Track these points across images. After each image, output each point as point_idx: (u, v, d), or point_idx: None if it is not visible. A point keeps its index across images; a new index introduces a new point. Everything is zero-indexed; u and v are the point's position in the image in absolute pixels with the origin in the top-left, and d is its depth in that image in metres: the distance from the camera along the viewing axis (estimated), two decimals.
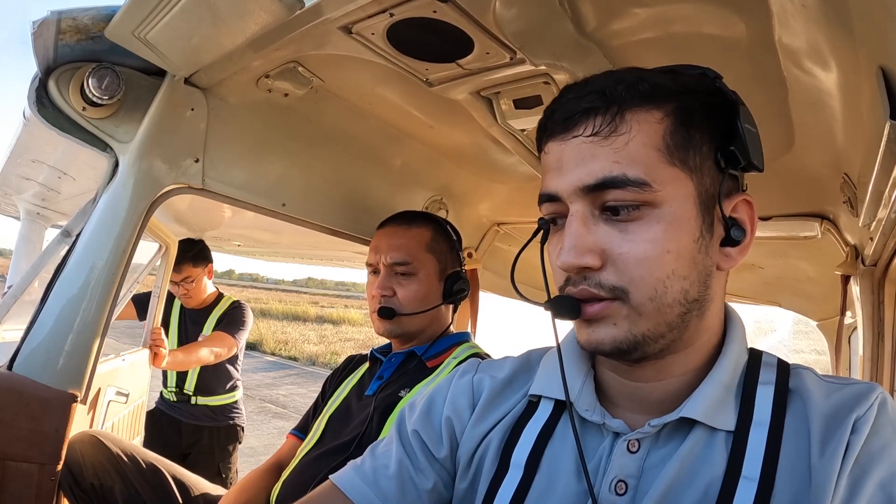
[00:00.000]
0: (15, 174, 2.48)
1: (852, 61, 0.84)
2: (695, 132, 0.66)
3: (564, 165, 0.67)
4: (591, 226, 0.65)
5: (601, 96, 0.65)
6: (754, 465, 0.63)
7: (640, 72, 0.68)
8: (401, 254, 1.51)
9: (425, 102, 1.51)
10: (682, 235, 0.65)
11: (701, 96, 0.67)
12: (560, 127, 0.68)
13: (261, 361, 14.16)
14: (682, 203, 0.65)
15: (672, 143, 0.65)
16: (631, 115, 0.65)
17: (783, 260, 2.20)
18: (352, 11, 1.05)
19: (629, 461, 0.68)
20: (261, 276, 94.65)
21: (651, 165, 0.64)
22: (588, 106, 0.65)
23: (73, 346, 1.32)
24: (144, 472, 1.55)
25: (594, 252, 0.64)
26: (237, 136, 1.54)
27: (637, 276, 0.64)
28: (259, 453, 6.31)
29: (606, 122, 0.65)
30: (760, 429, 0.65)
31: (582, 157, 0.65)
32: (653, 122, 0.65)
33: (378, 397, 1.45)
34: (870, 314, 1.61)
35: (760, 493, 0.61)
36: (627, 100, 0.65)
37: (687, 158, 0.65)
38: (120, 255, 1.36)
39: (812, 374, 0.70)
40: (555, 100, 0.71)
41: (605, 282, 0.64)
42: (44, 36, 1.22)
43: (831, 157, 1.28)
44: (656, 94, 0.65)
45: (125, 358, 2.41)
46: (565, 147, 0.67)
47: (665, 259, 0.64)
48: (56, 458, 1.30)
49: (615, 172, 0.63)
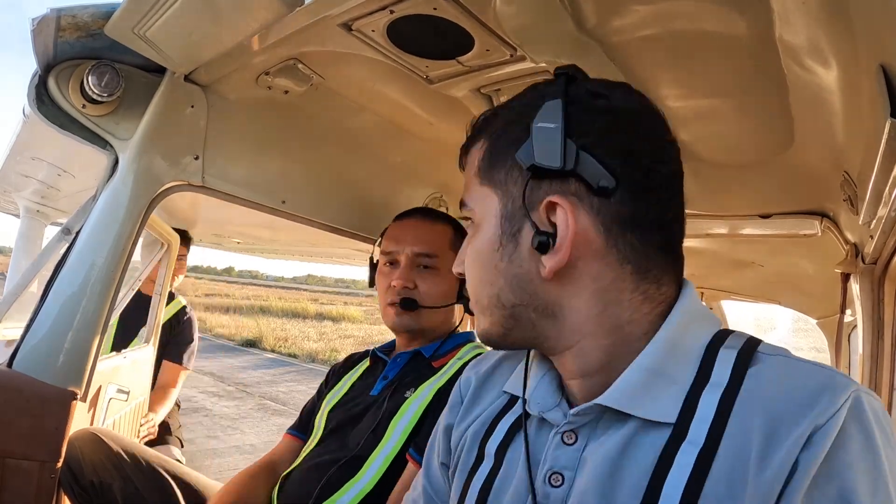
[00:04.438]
0: (14, 171, 2.48)
1: (853, 59, 0.84)
2: (503, 147, 0.71)
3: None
4: (466, 241, 0.78)
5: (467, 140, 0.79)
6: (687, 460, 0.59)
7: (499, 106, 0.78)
8: (427, 246, 1.49)
9: (425, 99, 1.51)
10: (483, 246, 0.72)
11: (517, 109, 0.73)
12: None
13: (260, 358, 14.15)
14: (488, 217, 0.72)
15: (484, 165, 0.73)
16: (469, 149, 0.77)
17: (783, 258, 2.20)
18: (352, 8, 1.05)
19: (563, 453, 0.68)
20: (260, 272, 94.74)
21: (470, 188, 0.75)
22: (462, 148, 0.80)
23: (72, 344, 1.32)
24: (144, 470, 1.54)
25: (461, 262, 0.78)
26: (237, 134, 1.54)
27: (467, 281, 0.76)
28: (259, 450, 6.31)
29: (464, 159, 0.78)
30: (700, 426, 0.60)
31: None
32: (476, 151, 0.75)
33: (384, 399, 1.42)
34: (869, 312, 1.61)
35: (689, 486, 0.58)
36: (469, 140, 0.78)
37: (493, 174, 0.72)
38: (120, 252, 1.36)
39: (780, 358, 0.64)
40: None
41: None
42: (43, 33, 1.22)
43: (831, 155, 1.28)
44: (480, 127, 0.76)
45: (126, 356, 2.41)
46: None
47: (473, 267, 0.74)
48: (56, 456, 1.30)
49: (462, 198, 0.77)
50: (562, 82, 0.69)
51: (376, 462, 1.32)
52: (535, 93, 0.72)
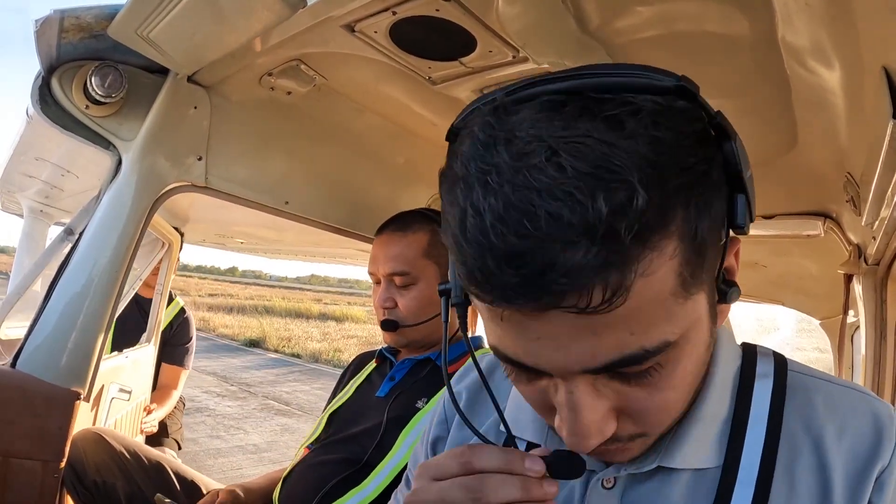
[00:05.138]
0: (18, 172, 2.49)
1: (856, 60, 0.84)
2: (705, 229, 0.46)
3: (543, 340, 0.46)
4: (599, 393, 0.50)
5: (591, 249, 0.40)
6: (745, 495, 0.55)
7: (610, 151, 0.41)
8: (398, 264, 1.45)
9: (428, 100, 1.51)
10: (701, 353, 0.53)
11: (699, 166, 0.45)
12: (522, 296, 0.43)
13: (263, 359, 14.17)
14: (700, 325, 0.50)
15: (687, 273, 0.45)
16: (641, 267, 0.42)
17: (786, 258, 2.20)
18: (355, 10, 1.05)
19: (606, 497, 0.61)
20: (264, 273, 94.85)
21: (668, 318, 0.46)
22: (574, 276, 0.41)
23: (76, 344, 1.32)
24: (147, 469, 1.55)
25: (609, 420, 0.51)
26: (240, 134, 1.54)
27: (657, 422, 0.54)
28: (262, 450, 6.32)
29: (610, 293, 0.42)
30: (750, 467, 0.57)
31: (574, 336, 0.45)
32: (664, 264, 0.43)
33: (391, 403, 1.40)
34: (872, 313, 1.61)
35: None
36: (634, 244, 0.41)
37: (702, 274, 0.47)
38: (123, 252, 1.36)
39: (812, 381, 0.61)
40: (478, 222, 0.43)
41: (622, 435, 0.53)
42: (47, 34, 1.23)
43: (834, 156, 1.28)
44: (665, 207, 0.42)
45: (128, 355, 2.41)
46: (539, 321, 0.45)
47: (686, 389, 0.54)
48: (59, 456, 1.31)
49: (631, 350, 0.46)
50: (708, 106, 0.49)
51: (383, 471, 1.31)
52: (688, 126, 0.46)
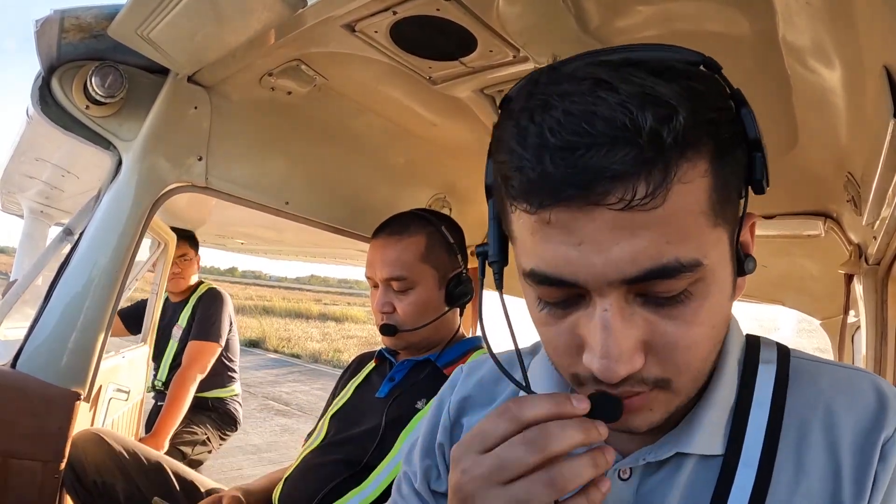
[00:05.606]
0: (18, 172, 2.49)
1: (856, 60, 0.84)
2: (729, 172, 0.51)
3: (585, 244, 0.48)
4: (628, 318, 0.51)
5: (640, 147, 0.46)
6: (745, 487, 0.57)
7: (652, 85, 0.48)
8: (395, 269, 1.43)
9: (428, 100, 1.50)
10: (724, 302, 0.54)
11: (724, 113, 0.52)
12: (573, 189, 0.47)
13: (263, 359, 14.16)
14: (724, 266, 0.53)
15: (716, 199, 0.50)
16: (680, 172, 0.47)
17: (787, 258, 2.19)
18: (355, 10, 1.05)
19: (622, 489, 0.62)
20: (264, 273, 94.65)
21: (699, 236, 0.49)
22: (622, 168, 0.46)
23: (76, 345, 1.32)
24: (147, 470, 1.55)
25: (638, 351, 0.52)
26: (240, 135, 1.54)
27: (683, 364, 0.54)
28: (262, 450, 6.32)
29: (653, 190, 0.46)
30: (752, 450, 0.58)
31: (615, 238, 0.48)
32: (697, 180, 0.48)
33: (391, 404, 1.40)
34: (873, 313, 1.60)
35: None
36: (674, 150, 0.46)
37: (726, 210, 0.51)
38: (123, 253, 1.36)
39: (816, 365, 0.63)
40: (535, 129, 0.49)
41: (647, 377, 0.53)
42: (47, 34, 1.23)
43: (835, 156, 1.28)
44: (699, 130, 0.48)
45: (125, 355, 2.41)
46: (584, 220, 0.48)
47: (711, 336, 0.55)
48: (59, 456, 1.30)
49: (666, 258, 0.48)
50: (723, 79, 0.55)
51: (383, 472, 1.30)
52: (712, 87, 0.53)
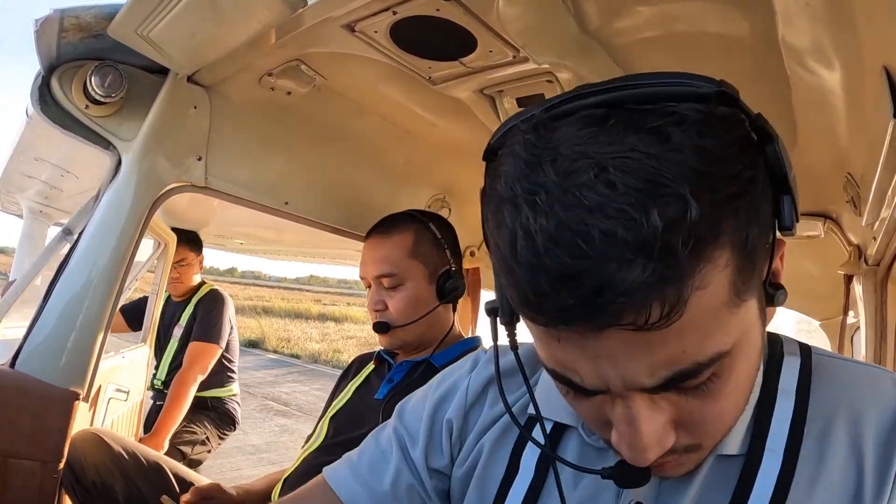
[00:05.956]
0: (18, 172, 2.48)
1: (856, 60, 0.84)
2: (753, 236, 0.46)
3: (600, 357, 0.47)
4: (657, 406, 0.50)
5: (654, 269, 0.41)
6: (769, 479, 0.57)
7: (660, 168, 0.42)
8: (383, 266, 1.48)
9: (428, 100, 1.50)
10: (755, 362, 0.54)
11: (746, 169, 0.45)
12: (580, 321, 0.44)
13: (263, 359, 14.16)
14: (752, 331, 0.51)
15: (740, 281, 0.46)
16: (696, 281, 0.43)
17: (786, 259, 2.19)
18: (355, 10, 1.05)
19: (645, 487, 0.62)
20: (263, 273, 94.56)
21: (722, 328, 0.47)
22: (632, 292, 0.41)
23: (75, 344, 1.32)
24: (146, 470, 1.55)
25: (669, 433, 0.51)
26: (240, 135, 1.54)
27: (713, 431, 0.54)
28: (261, 451, 6.32)
29: (668, 309, 0.42)
30: (776, 442, 0.58)
31: (629, 353, 0.46)
32: (716, 276, 0.44)
33: (388, 405, 1.37)
34: (872, 314, 1.61)
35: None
36: (690, 260, 0.42)
37: (752, 279, 0.48)
38: (122, 253, 1.36)
39: (834, 360, 0.64)
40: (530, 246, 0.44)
41: (677, 447, 0.53)
42: (47, 34, 1.22)
43: (834, 157, 1.28)
44: (716, 218, 0.43)
45: (125, 355, 2.41)
46: (596, 338, 0.45)
47: (741, 399, 0.54)
48: (59, 456, 1.30)
49: (685, 365, 0.46)
50: (748, 109, 0.51)
51: None
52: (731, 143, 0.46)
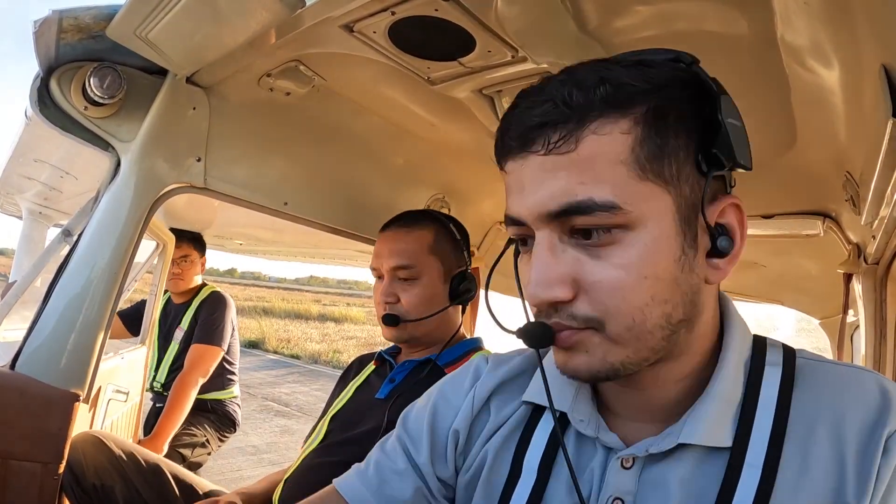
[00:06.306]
0: (17, 173, 2.48)
1: (855, 59, 0.84)
2: (669, 137, 0.59)
3: (525, 187, 0.60)
4: (559, 253, 0.59)
5: (557, 106, 0.58)
6: (750, 485, 0.59)
7: (603, 69, 0.59)
8: (402, 258, 1.46)
9: (427, 100, 1.51)
10: (661, 258, 0.59)
11: (675, 91, 0.60)
12: (515, 143, 0.61)
13: (263, 360, 14.16)
14: (660, 221, 0.58)
15: (643, 155, 0.57)
16: (593, 126, 0.57)
17: (785, 258, 2.20)
18: (353, 10, 1.05)
19: (625, 477, 0.65)
20: (263, 274, 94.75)
21: (620, 184, 0.57)
22: (542, 120, 0.58)
23: (75, 346, 1.32)
24: (145, 472, 1.55)
25: (564, 283, 0.59)
26: (239, 135, 1.54)
27: (612, 307, 0.58)
28: (261, 451, 6.32)
29: (564, 136, 0.57)
30: (758, 448, 0.60)
31: (542, 178, 0.59)
32: (619, 134, 0.57)
33: (392, 405, 1.39)
34: (872, 312, 1.61)
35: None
36: (587, 108, 0.57)
37: (662, 170, 0.58)
38: (122, 254, 1.36)
39: (820, 364, 0.65)
40: (507, 111, 0.63)
41: (577, 313, 0.59)
42: (45, 35, 1.22)
43: (833, 155, 1.28)
44: (621, 97, 0.58)
45: (124, 356, 2.41)
46: (524, 166, 0.60)
47: (643, 285, 0.58)
48: (59, 458, 1.30)
49: (580, 196, 0.57)
50: (702, 71, 0.62)
51: None
52: (676, 75, 0.61)
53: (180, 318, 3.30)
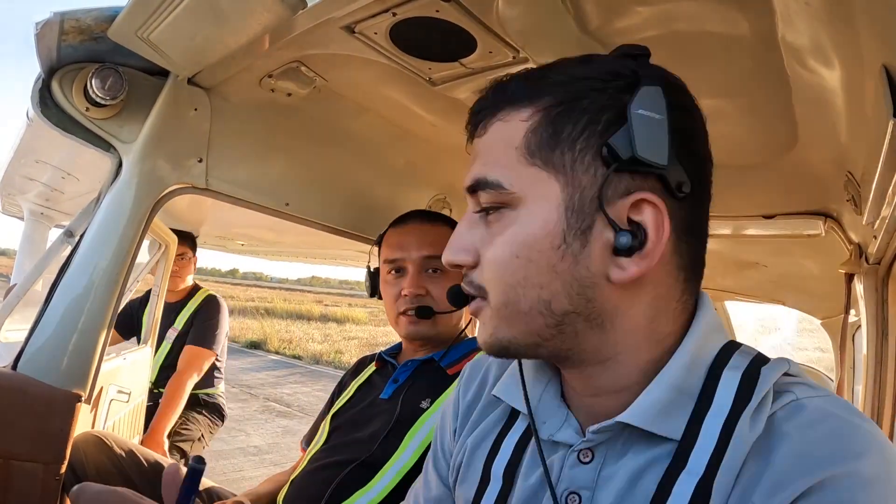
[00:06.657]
0: (19, 175, 2.49)
1: (856, 59, 0.84)
2: (566, 126, 0.60)
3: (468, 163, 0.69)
4: (472, 225, 0.66)
5: (485, 98, 0.67)
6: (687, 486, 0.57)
7: (533, 70, 0.66)
8: (434, 249, 1.42)
9: (428, 101, 1.51)
10: (535, 241, 0.60)
11: (595, 83, 0.61)
12: (467, 130, 0.70)
13: (265, 360, 14.16)
14: (542, 206, 0.61)
15: (535, 141, 0.61)
16: (501, 114, 0.64)
17: (787, 258, 2.19)
18: (354, 11, 1.05)
19: (580, 472, 0.64)
20: (265, 275, 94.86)
21: (508, 166, 0.62)
22: (474, 110, 0.68)
23: (77, 346, 1.32)
24: (147, 472, 1.55)
25: (467, 251, 0.66)
26: (240, 136, 1.54)
27: (491, 279, 0.64)
28: (263, 452, 6.32)
29: (482, 123, 0.66)
30: (701, 454, 0.58)
31: (473, 157, 0.67)
32: (518, 121, 0.62)
33: (395, 405, 1.38)
34: (873, 312, 1.60)
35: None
36: (501, 100, 0.65)
37: (551, 157, 0.60)
38: (123, 255, 1.36)
39: (786, 391, 0.60)
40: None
41: (473, 280, 0.66)
42: (47, 37, 1.23)
43: (834, 155, 1.28)
44: (532, 89, 0.63)
45: (126, 357, 2.42)
46: (473, 147, 0.69)
47: (514, 264, 0.61)
48: (61, 458, 1.30)
49: (479, 175, 0.64)
50: (648, 65, 0.64)
51: (390, 472, 1.30)
52: (603, 67, 0.62)
53: (174, 319, 3.34)
